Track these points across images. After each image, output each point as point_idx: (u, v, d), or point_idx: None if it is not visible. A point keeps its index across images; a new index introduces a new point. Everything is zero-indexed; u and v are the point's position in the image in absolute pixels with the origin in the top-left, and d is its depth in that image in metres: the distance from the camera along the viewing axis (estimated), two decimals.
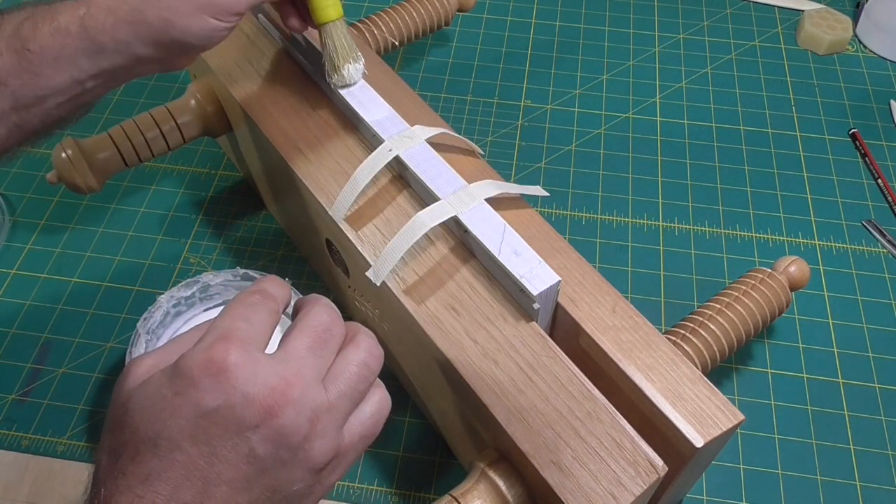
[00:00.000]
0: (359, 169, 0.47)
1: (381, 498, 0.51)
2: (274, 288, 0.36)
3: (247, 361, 0.31)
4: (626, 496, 0.37)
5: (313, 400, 0.32)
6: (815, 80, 0.78)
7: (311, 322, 0.34)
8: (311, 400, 0.32)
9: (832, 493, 0.52)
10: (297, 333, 0.34)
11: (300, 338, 0.34)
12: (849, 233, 0.66)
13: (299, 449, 0.32)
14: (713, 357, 0.49)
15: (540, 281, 0.41)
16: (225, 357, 0.31)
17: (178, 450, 0.31)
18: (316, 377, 0.33)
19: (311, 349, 0.33)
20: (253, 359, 0.32)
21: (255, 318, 0.34)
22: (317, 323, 0.34)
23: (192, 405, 0.31)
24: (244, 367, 0.31)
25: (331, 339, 0.34)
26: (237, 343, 0.32)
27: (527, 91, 0.76)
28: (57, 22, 0.42)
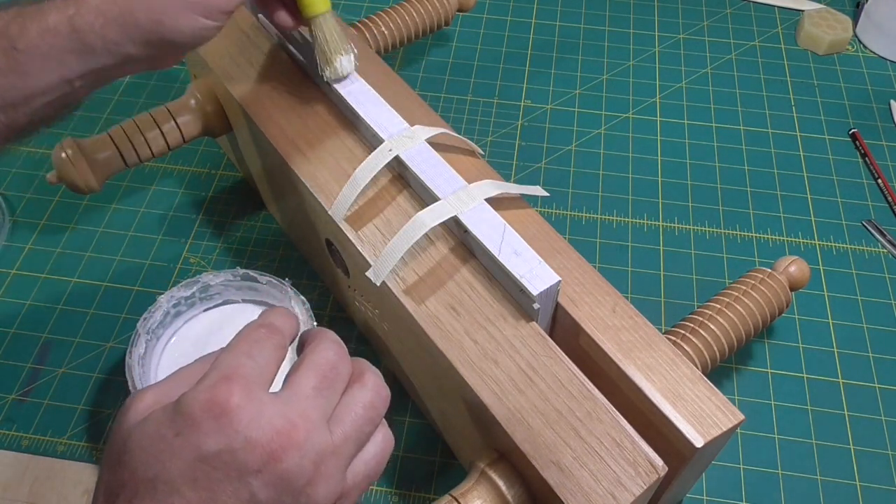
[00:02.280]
0: (359, 169, 0.47)
1: (381, 498, 0.51)
2: (281, 321, 0.35)
3: (250, 403, 0.30)
4: (626, 496, 0.37)
5: (318, 443, 0.31)
6: (815, 80, 0.78)
7: (317, 360, 0.34)
8: (316, 443, 0.31)
9: (832, 493, 0.52)
10: (304, 372, 0.33)
11: (306, 377, 0.33)
12: (849, 233, 0.66)
13: (302, 493, 0.31)
14: (713, 357, 0.49)
15: (540, 281, 0.41)
16: (228, 398, 0.30)
17: (176, 494, 0.30)
18: (321, 419, 0.32)
19: (318, 389, 0.33)
20: (257, 400, 0.31)
21: (260, 355, 0.33)
22: (323, 361, 0.34)
23: (193, 448, 0.30)
24: (247, 410, 0.30)
25: (337, 378, 0.34)
26: (241, 383, 0.31)
27: (527, 91, 0.76)
28: (46, 22, 0.41)
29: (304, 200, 0.52)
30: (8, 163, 0.70)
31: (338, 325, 0.59)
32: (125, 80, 0.77)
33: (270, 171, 0.58)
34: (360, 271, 0.46)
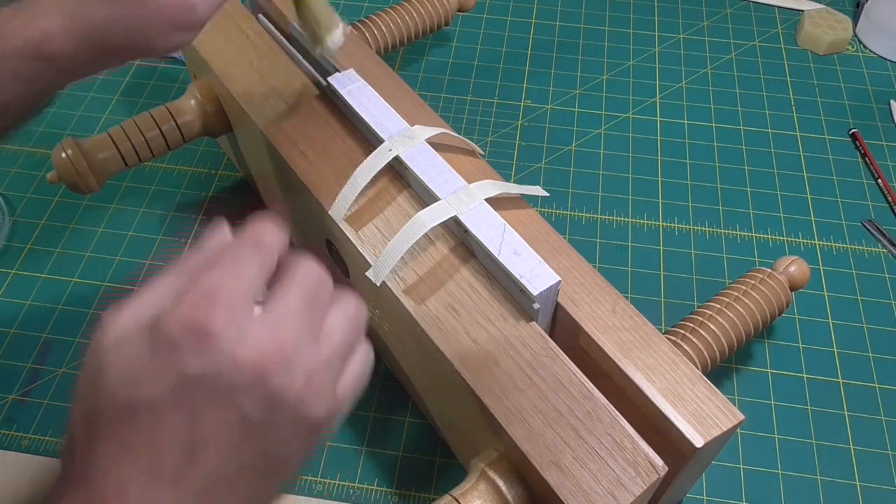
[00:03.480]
0: (359, 169, 0.47)
1: (381, 498, 0.51)
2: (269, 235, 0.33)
3: (234, 322, 0.29)
4: (626, 496, 0.37)
5: (308, 359, 0.31)
6: (815, 80, 0.78)
7: (303, 276, 0.33)
8: (305, 359, 0.31)
9: (832, 493, 0.52)
10: (289, 289, 0.32)
11: (293, 293, 0.32)
12: (849, 233, 0.66)
13: (296, 410, 0.31)
14: (713, 357, 0.49)
15: (540, 281, 0.41)
16: (210, 319, 0.29)
17: (159, 417, 0.29)
18: (310, 335, 0.31)
19: (305, 305, 0.32)
20: (241, 319, 0.30)
21: (246, 273, 0.31)
22: (308, 278, 0.33)
23: (175, 370, 0.29)
24: (231, 329, 0.29)
25: (323, 294, 0.33)
26: (224, 303, 0.29)
27: (527, 91, 0.76)
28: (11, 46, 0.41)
29: (303, 200, 0.52)
30: (8, 163, 0.70)
31: None
32: (125, 80, 0.77)
33: (271, 172, 0.58)
34: (360, 271, 0.46)
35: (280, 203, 0.62)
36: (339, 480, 0.52)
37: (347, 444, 0.54)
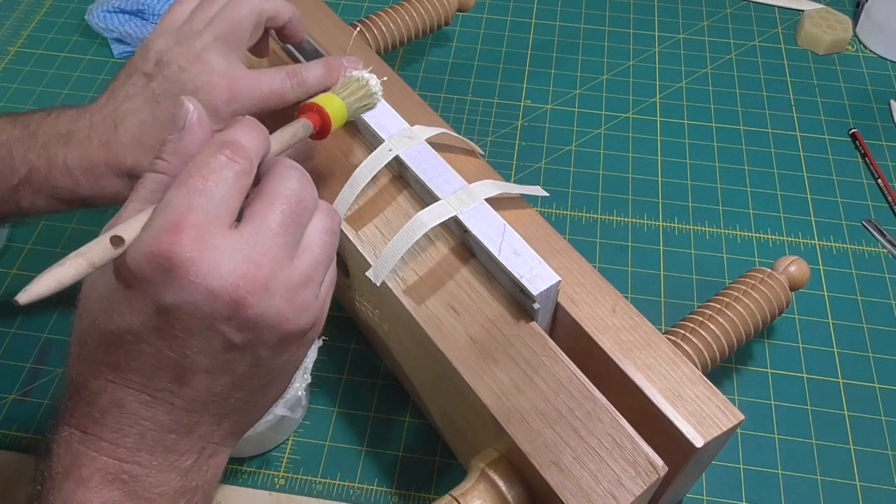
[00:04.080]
0: (359, 169, 0.47)
1: (381, 498, 0.51)
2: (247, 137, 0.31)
3: (206, 250, 0.28)
4: (626, 496, 0.37)
5: (289, 278, 0.30)
6: (815, 80, 0.78)
7: (282, 191, 0.31)
8: (286, 278, 0.30)
9: (832, 493, 0.52)
10: (269, 205, 0.30)
11: (272, 210, 0.30)
12: (849, 233, 0.66)
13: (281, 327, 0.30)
14: (713, 357, 0.49)
15: (540, 281, 0.41)
16: (176, 250, 0.27)
17: (144, 342, 0.29)
18: (287, 254, 0.30)
19: (283, 224, 0.30)
20: (213, 245, 0.28)
21: (219, 188, 0.29)
22: (289, 192, 0.31)
23: (150, 301, 0.28)
24: (202, 259, 0.28)
25: (302, 209, 0.31)
26: (191, 231, 0.28)
27: (527, 91, 0.76)
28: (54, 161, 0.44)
29: None
30: None
31: (338, 325, 0.59)
32: None
33: None
34: (360, 271, 0.46)
35: None
36: (339, 480, 0.52)
37: (347, 444, 0.54)
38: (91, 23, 0.79)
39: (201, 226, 0.28)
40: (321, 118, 0.42)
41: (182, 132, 0.32)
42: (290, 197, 0.31)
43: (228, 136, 0.31)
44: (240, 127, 0.31)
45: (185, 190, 0.29)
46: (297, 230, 0.31)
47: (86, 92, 0.76)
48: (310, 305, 0.32)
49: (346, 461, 0.53)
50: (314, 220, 0.32)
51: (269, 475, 0.52)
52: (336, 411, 0.55)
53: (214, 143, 0.30)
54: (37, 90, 0.76)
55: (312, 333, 0.33)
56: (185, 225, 0.28)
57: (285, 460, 0.53)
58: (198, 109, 0.32)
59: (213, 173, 0.29)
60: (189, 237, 0.28)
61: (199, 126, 0.32)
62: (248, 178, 0.30)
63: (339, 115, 0.43)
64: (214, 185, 0.29)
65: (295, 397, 0.49)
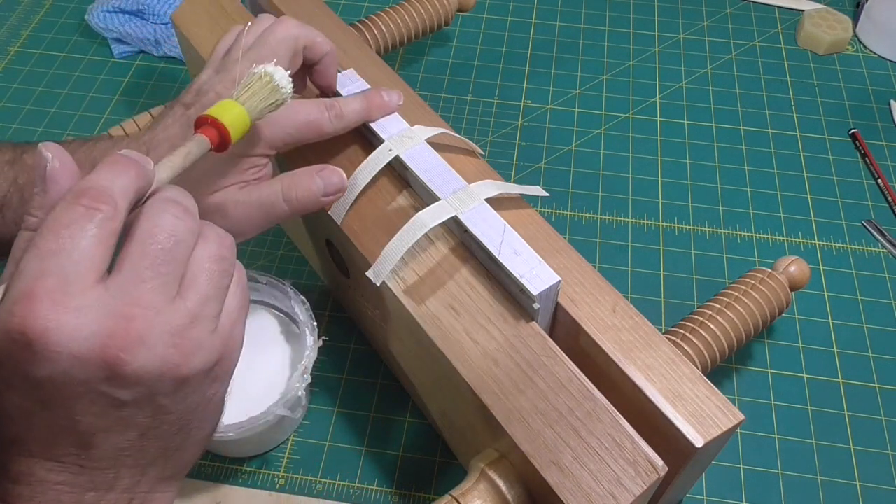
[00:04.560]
0: (359, 169, 0.47)
1: (381, 498, 0.51)
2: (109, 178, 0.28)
3: (64, 315, 0.26)
4: (626, 496, 0.37)
5: (169, 322, 0.28)
6: (815, 80, 0.78)
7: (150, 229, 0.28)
8: (165, 325, 0.28)
9: (832, 493, 0.52)
10: (138, 248, 0.28)
11: (141, 254, 0.28)
12: (849, 233, 0.66)
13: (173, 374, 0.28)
14: (713, 357, 0.49)
15: (540, 281, 0.41)
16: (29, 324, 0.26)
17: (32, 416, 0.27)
18: (165, 298, 0.28)
19: (155, 266, 0.28)
20: (73, 308, 0.26)
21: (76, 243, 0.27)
22: (158, 230, 0.28)
23: (20, 376, 0.27)
24: (62, 327, 0.26)
25: (178, 246, 0.29)
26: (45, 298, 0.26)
27: (527, 91, 0.76)
28: None
29: None
30: None
31: (338, 325, 0.59)
32: (125, 80, 0.77)
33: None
34: (360, 271, 0.46)
35: None
36: (339, 480, 0.52)
37: (347, 444, 0.54)
38: (91, 23, 0.79)
39: (56, 290, 0.26)
40: (218, 131, 0.37)
41: (45, 183, 0.30)
42: (160, 234, 0.28)
43: (87, 181, 0.28)
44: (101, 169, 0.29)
45: (37, 253, 0.27)
46: (173, 268, 0.29)
47: (86, 92, 0.76)
48: (203, 344, 0.29)
49: (346, 461, 0.53)
50: (198, 251, 0.30)
51: (269, 475, 0.52)
52: (336, 411, 0.55)
53: (71, 194, 0.28)
54: (37, 90, 0.76)
55: (221, 368, 0.31)
56: (37, 293, 0.26)
57: (285, 460, 0.53)
58: (58, 156, 0.30)
59: (66, 228, 0.27)
60: (43, 306, 0.26)
61: (62, 174, 0.30)
62: (114, 223, 0.28)
63: (238, 123, 0.38)
64: (70, 241, 0.27)
65: (295, 397, 0.49)
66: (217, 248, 0.31)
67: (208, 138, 0.37)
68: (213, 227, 0.32)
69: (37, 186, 0.30)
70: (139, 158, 0.30)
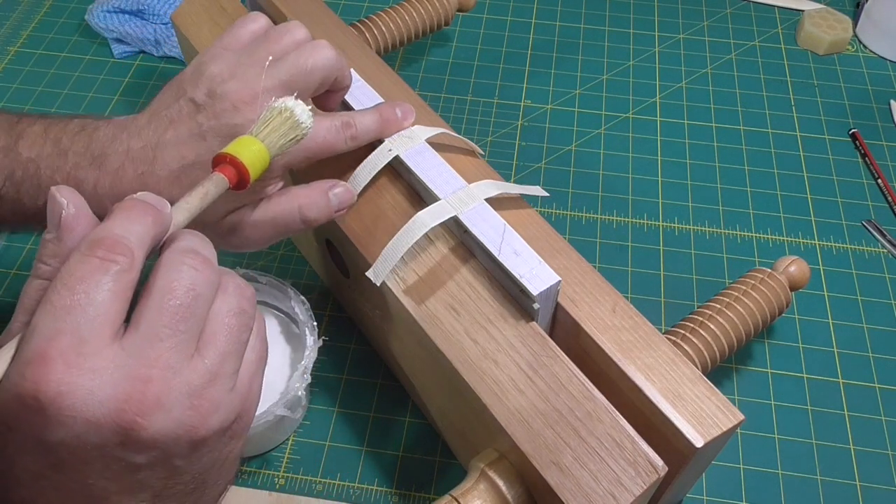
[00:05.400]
0: (359, 169, 0.47)
1: (381, 498, 0.51)
2: (125, 226, 0.27)
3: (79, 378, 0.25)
4: (626, 496, 0.37)
5: (188, 382, 0.27)
6: (815, 80, 0.78)
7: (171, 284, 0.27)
8: (183, 384, 0.27)
9: (832, 493, 0.52)
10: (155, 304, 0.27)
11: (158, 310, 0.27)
12: (849, 233, 0.66)
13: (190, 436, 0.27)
14: (713, 357, 0.49)
15: (540, 281, 0.41)
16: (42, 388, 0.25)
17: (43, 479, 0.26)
18: (183, 357, 0.27)
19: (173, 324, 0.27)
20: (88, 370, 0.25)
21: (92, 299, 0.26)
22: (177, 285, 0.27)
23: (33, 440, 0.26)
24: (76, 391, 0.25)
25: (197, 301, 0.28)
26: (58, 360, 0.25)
27: (527, 91, 0.76)
28: None
29: None
30: None
31: (338, 325, 0.59)
32: (125, 80, 0.77)
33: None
34: (360, 271, 0.46)
35: None
36: (339, 480, 0.52)
37: (347, 444, 0.54)
38: (91, 23, 0.79)
39: (71, 350, 0.25)
40: (237, 170, 0.36)
41: (59, 231, 0.28)
42: (179, 289, 0.27)
43: (102, 230, 0.27)
44: (117, 215, 0.28)
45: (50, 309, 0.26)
46: (192, 325, 0.28)
47: (86, 92, 0.76)
48: (221, 403, 0.28)
49: (346, 461, 0.53)
50: (217, 304, 0.29)
51: (269, 475, 0.52)
52: (336, 411, 0.55)
53: (85, 244, 0.27)
54: (37, 90, 0.76)
55: (238, 425, 0.30)
56: (50, 354, 0.25)
57: (285, 460, 0.53)
58: (73, 201, 0.28)
59: (81, 283, 0.26)
60: (56, 369, 0.25)
61: (78, 221, 0.28)
62: (130, 274, 0.27)
63: (258, 161, 0.37)
64: (85, 296, 0.26)
65: (295, 397, 0.49)
66: (237, 301, 0.29)
67: (227, 178, 0.35)
68: (232, 276, 0.30)
69: (49, 232, 0.29)
70: (156, 203, 0.29)
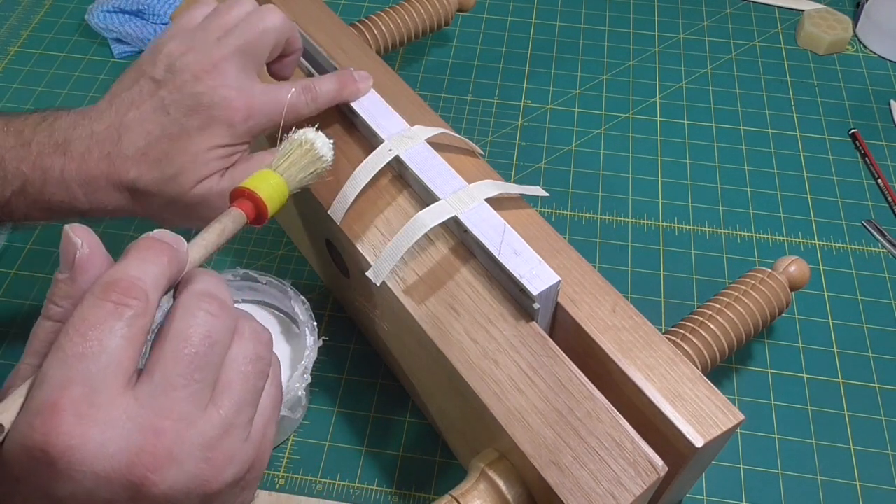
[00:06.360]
0: (358, 169, 0.47)
1: (381, 498, 0.51)
2: (141, 267, 0.27)
3: (90, 430, 0.24)
4: (626, 496, 0.37)
5: (202, 434, 0.26)
6: (815, 80, 0.78)
7: (186, 331, 0.27)
8: (197, 436, 0.26)
9: (832, 493, 0.52)
10: (169, 352, 0.26)
11: (173, 359, 0.26)
12: (849, 233, 0.66)
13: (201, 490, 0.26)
14: (713, 357, 0.49)
15: (540, 281, 0.41)
16: (52, 441, 0.24)
17: None
18: (198, 407, 0.26)
19: (189, 373, 0.26)
20: (100, 421, 0.24)
21: (105, 346, 0.25)
22: (193, 333, 0.26)
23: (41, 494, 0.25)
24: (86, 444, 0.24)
25: (213, 348, 0.27)
26: (70, 410, 0.24)
27: (527, 91, 0.76)
28: None
29: (303, 200, 0.52)
30: None
31: (338, 325, 0.59)
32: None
33: None
34: (360, 271, 0.46)
35: None
36: (339, 480, 0.52)
37: (347, 444, 0.54)
38: (91, 23, 0.79)
39: (82, 401, 0.24)
40: (255, 205, 0.35)
41: (73, 272, 0.27)
42: (194, 337, 0.26)
43: (116, 272, 0.26)
44: (132, 256, 0.27)
45: (62, 357, 0.25)
46: (207, 374, 0.26)
47: (86, 92, 0.76)
48: (236, 455, 0.27)
49: (346, 461, 0.53)
50: (233, 350, 0.28)
51: (269, 475, 0.52)
52: (336, 411, 0.55)
53: (99, 287, 0.26)
54: (37, 90, 0.76)
55: (251, 475, 0.29)
56: (61, 405, 0.24)
57: (285, 460, 0.53)
58: (87, 241, 0.27)
59: (94, 329, 0.25)
60: (67, 421, 0.24)
61: (92, 262, 0.27)
62: (145, 319, 0.26)
63: (276, 196, 0.35)
64: (98, 343, 0.25)
65: (295, 397, 0.49)
66: (253, 348, 0.28)
67: (244, 212, 0.33)
68: (249, 320, 0.29)
69: (62, 272, 0.27)
70: (172, 241, 0.28)
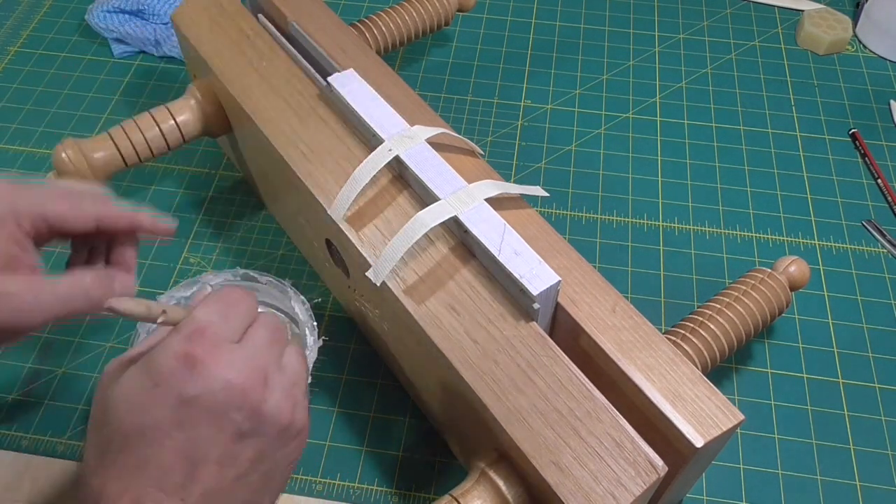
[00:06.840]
0: (358, 169, 0.47)
1: (381, 498, 0.51)
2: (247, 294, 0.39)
3: (221, 353, 0.34)
4: (626, 496, 0.37)
5: (282, 380, 0.36)
6: (815, 80, 0.78)
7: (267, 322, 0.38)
8: (280, 381, 0.36)
9: (832, 493, 0.52)
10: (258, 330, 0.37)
11: (261, 332, 0.37)
12: (849, 233, 0.66)
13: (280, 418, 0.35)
14: (713, 357, 0.49)
15: (540, 281, 0.41)
16: (201, 350, 0.34)
17: (166, 437, 0.33)
18: (277, 364, 0.37)
19: (270, 343, 0.37)
20: (228, 350, 0.35)
21: (232, 316, 0.36)
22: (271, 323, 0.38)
23: (174, 395, 0.33)
24: (220, 357, 0.34)
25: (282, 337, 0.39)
26: (211, 338, 0.34)
27: (527, 91, 0.76)
28: None
29: (303, 200, 0.52)
30: (8, 163, 0.70)
31: (338, 325, 0.59)
32: (125, 80, 0.77)
33: (270, 171, 0.58)
34: (360, 271, 0.46)
35: (279, 203, 0.62)
36: (340, 480, 0.52)
37: (347, 444, 0.54)
38: (91, 23, 0.79)
39: (217, 337, 0.35)
40: None
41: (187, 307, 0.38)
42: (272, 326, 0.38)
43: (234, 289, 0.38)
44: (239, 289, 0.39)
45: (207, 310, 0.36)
46: (278, 348, 0.38)
47: (86, 92, 0.76)
48: (300, 402, 0.37)
49: (346, 461, 0.53)
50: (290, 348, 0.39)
51: None
52: (336, 411, 0.55)
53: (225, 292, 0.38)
54: (37, 90, 0.76)
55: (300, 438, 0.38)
56: (207, 333, 0.34)
57: None
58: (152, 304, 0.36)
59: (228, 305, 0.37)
60: (209, 341, 0.34)
61: None
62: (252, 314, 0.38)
63: None
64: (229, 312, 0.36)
65: None
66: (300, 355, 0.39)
67: None
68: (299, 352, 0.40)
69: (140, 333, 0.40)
70: None
